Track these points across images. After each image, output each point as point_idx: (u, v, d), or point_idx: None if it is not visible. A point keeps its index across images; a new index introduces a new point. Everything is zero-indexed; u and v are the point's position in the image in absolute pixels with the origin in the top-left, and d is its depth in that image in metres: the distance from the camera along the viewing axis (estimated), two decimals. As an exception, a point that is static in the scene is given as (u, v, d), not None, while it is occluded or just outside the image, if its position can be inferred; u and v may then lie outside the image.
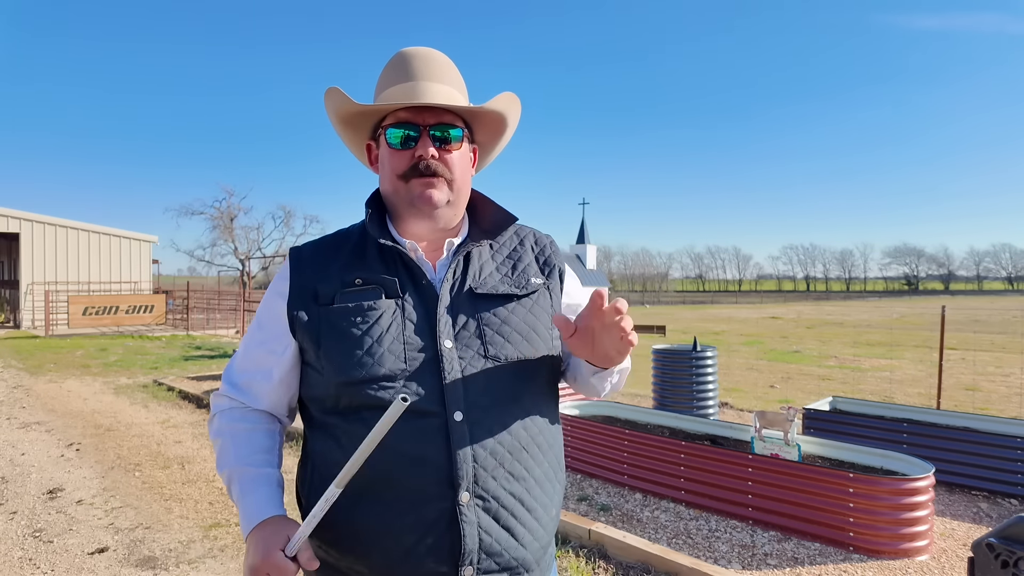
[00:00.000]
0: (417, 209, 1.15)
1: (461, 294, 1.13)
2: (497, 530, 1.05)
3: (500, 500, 1.06)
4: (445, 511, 1.03)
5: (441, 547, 1.03)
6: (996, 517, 4.16)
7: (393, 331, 1.08)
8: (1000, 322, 24.42)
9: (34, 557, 3.66)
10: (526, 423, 1.12)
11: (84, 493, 4.73)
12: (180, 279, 48.14)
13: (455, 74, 1.19)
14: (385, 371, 1.05)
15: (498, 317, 1.13)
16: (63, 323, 19.85)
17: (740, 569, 3.38)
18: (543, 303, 1.20)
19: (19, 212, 20.91)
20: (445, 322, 1.10)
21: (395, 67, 1.16)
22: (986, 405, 7.85)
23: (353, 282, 1.12)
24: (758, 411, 4.24)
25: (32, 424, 6.99)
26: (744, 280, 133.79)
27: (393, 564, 1.03)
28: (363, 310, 1.09)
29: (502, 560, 1.05)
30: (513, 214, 1.26)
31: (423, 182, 1.13)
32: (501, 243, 1.25)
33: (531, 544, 1.09)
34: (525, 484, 1.10)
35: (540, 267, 1.25)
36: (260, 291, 37.13)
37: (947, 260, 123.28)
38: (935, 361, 7.48)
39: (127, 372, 10.92)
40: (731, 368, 11.17)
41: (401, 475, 1.04)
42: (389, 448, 1.03)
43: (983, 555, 1.98)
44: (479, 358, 1.09)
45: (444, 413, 1.04)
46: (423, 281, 1.13)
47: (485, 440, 1.06)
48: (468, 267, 1.17)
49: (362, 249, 1.17)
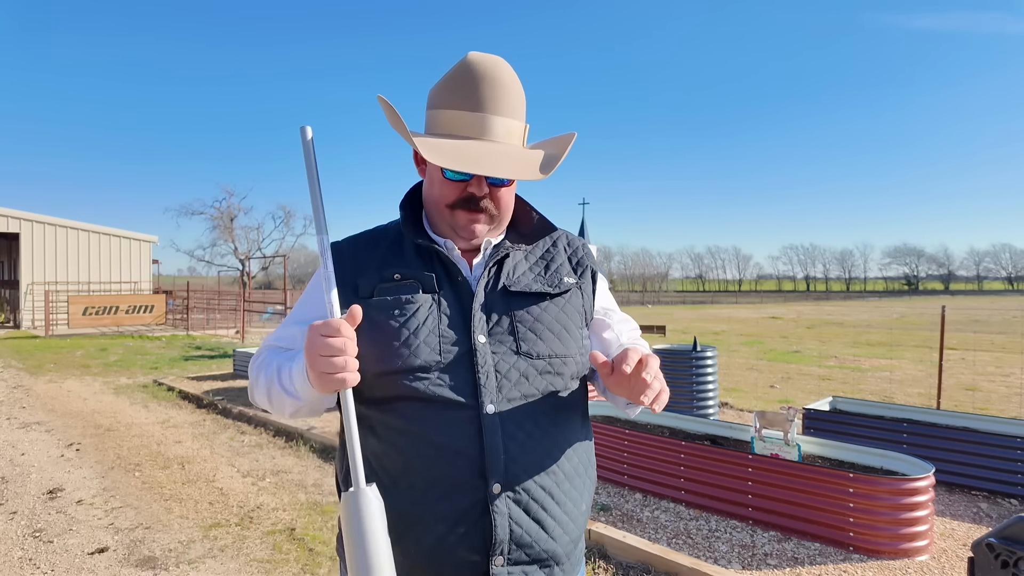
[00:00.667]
0: (457, 235, 1.18)
1: (495, 292, 1.16)
2: (527, 522, 1.07)
3: (530, 492, 1.08)
4: (477, 501, 1.05)
5: (473, 537, 1.05)
6: (996, 517, 4.16)
7: (429, 324, 1.10)
8: (1000, 322, 24.42)
9: (34, 557, 3.66)
10: (556, 419, 1.15)
11: (84, 493, 4.74)
12: (180, 279, 48.20)
13: (519, 98, 1.15)
14: (421, 362, 1.08)
15: (531, 315, 1.16)
16: (63, 323, 19.86)
17: (740, 569, 3.38)
18: (575, 302, 1.23)
19: (19, 212, 20.93)
20: (479, 318, 1.13)
21: (461, 89, 1.12)
22: (986, 405, 7.85)
23: (392, 277, 1.15)
24: (758, 411, 4.24)
25: (32, 424, 6.99)
26: (744, 280, 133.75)
27: (426, 552, 1.06)
28: (401, 303, 1.12)
29: (532, 552, 1.08)
30: (552, 223, 1.28)
31: (469, 216, 1.15)
32: (535, 244, 1.27)
33: (561, 537, 1.11)
34: (555, 478, 1.12)
35: (572, 267, 1.27)
36: (260, 291, 37.24)
37: (947, 260, 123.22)
38: (935, 361, 7.48)
39: (127, 372, 10.92)
40: (731, 368, 11.17)
41: (434, 465, 1.06)
42: (423, 438, 1.07)
43: (983, 555, 1.98)
44: (512, 354, 1.12)
45: (477, 405, 1.07)
46: (459, 278, 1.16)
47: (516, 433, 1.08)
48: (503, 266, 1.19)
49: (399, 246, 1.20)
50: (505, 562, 1.06)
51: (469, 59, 1.13)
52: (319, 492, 4.74)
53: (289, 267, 29.06)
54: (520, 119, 1.16)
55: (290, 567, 3.54)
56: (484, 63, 1.12)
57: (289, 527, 4.08)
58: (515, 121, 1.14)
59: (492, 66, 1.13)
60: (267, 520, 4.20)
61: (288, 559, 3.63)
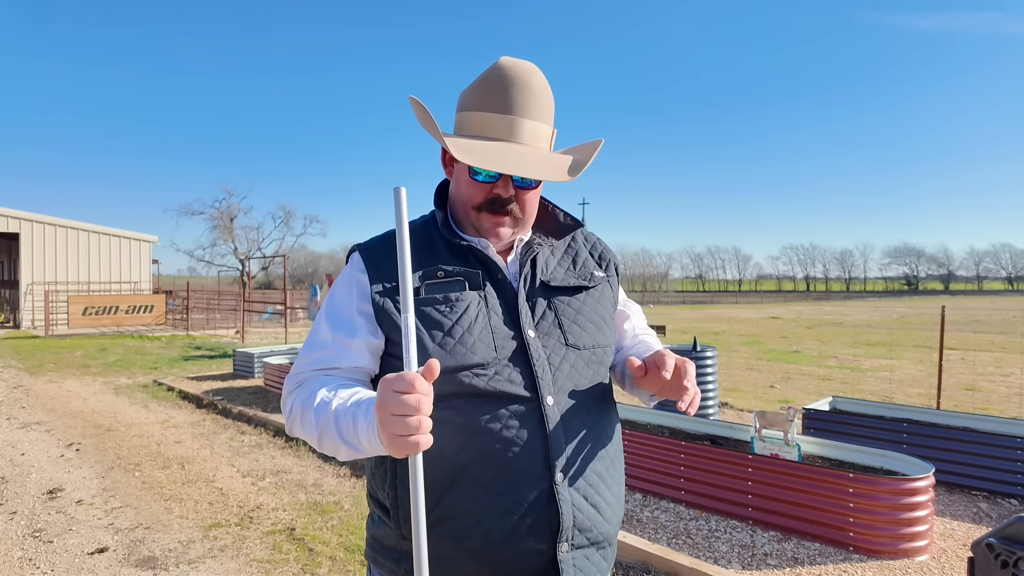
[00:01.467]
0: (483, 236, 1.20)
1: (535, 287, 1.19)
2: (587, 507, 1.11)
3: (587, 479, 1.12)
4: (544, 491, 1.07)
5: (540, 526, 1.07)
6: (996, 517, 4.16)
7: (481, 321, 1.12)
8: (1000, 322, 24.42)
9: (34, 557, 3.66)
10: (602, 405, 1.20)
11: (84, 493, 4.73)
12: (180, 279, 48.21)
13: (548, 102, 1.18)
14: (478, 359, 1.09)
15: (572, 307, 1.20)
16: (63, 323, 19.87)
17: (740, 569, 3.38)
18: (607, 294, 1.29)
19: (19, 212, 20.94)
20: (526, 313, 1.15)
21: (492, 90, 1.14)
22: (986, 405, 7.85)
23: (436, 274, 1.15)
24: (758, 411, 4.24)
25: (32, 424, 6.99)
26: (744, 280, 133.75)
27: (494, 546, 1.06)
28: (451, 300, 1.12)
29: (591, 535, 1.12)
30: (578, 220, 1.32)
31: (494, 219, 1.17)
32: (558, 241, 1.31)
33: (612, 519, 1.17)
34: (604, 463, 1.17)
35: (597, 261, 1.32)
36: (260, 291, 37.24)
37: (947, 260, 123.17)
38: (935, 361, 7.48)
39: (127, 372, 10.92)
40: (731, 368, 11.17)
41: (499, 459, 1.07)
42: (487, 433, 1.08)
43: (983, 555, 1.98)
44: (560, 346, 1.15)
45: (537, 398, 1.09)
46: (499, 275, 1.17)
47: (572, 422, 1.12)
48: (536, 263, 1.22)
49: (430, 244, 1.20)
50: (570, 547, 1.08)
51: (501, 63, 1.16)
52: (319, 492, 4.74)
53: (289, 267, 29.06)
54: (548, 123, 1.18)
55: (290, 567, 3.54)
56: (516, 67, 1.15)
57: (289, 527, 4.08)
58: (543, 125, 1.17)
59: (523, 71, 1.15)
60: (267, 520, 4.20)
61: (288, 559, 3.63)
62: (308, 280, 69.57)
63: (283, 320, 17.42)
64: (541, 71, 1.18)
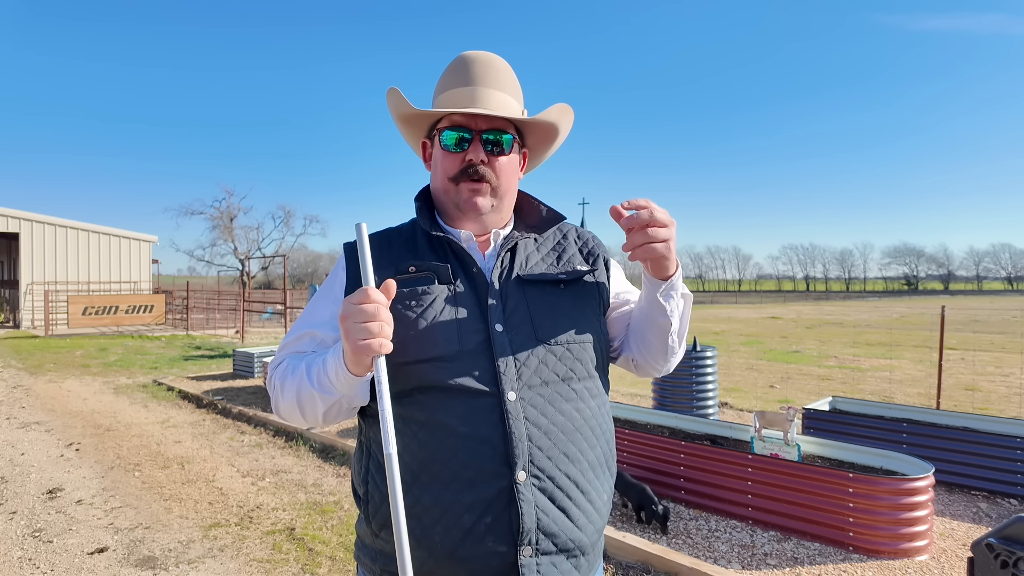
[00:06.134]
0: (463, 212, 1.21)
1: (510, 280, 1.18)
2: (554, 510, 1.07)
3: (555, 480, 1.08)
4: (503, 490, 1.05)
5: (500, 527, 1.04)
6: (996, 517, 4.16)
7: (447, 314, 1.11)
8: (1000, 322, 24.42)
9: (34, 557, 3.66)
10: (578, 405, 1.14)
11: (84, 493, 4.73)
12: (180, 279, 48.17)
13: (512, 80, 1.23)
14: (439, 352, 1.08)
15: (547, 302, 1.18)
16: (63, 323, 19.86)
17: (740, 569, 3.38)
18: (590, 289, 1.24)
19: (19, 212, 20.92)
20: (496, 306, 1.14)
21: (455, 71, 1.21)
22: (986, 405, 7.85)
23: (407, 269, 1.16)
24: (758, 411, 4.24)
25: (32, 424, 6.99)
26: (744, 280, 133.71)
27: (454, 544, 1.04)
28: (417, 295, 1.13)
29: (559, 541, 1.07)
30: (560, 213, 1.30)
31: (471, 187, 1.18)
32: (545, 237, 1.29)
33: (586, 527, 1.11)
34: (579, 466, 1.12)
35: (584, 257, 1.29)
36: (260, 291, 37.25)
37: (947, 260, 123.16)
38: (935, 361, 7.48)
39: (127, 372, 10.92)
40: (731, 368, 11.17)
41: (458, 455, 1.06)
42: (445, 428, 1.07)
43: (983, 555, 1.98)
44: (530, 340, 1.13)
45: (498, 393, 1.07)
46: (473, 268, 1.17)
47: (539, 420, 1.09)
48: (515, 256, 1.21)
49: (413, 241, 1.22)
50: (533, 552, 1.05)
51: (464, 53, 1.23)
52: (319, 492, 4.73)
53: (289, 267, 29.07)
54: (515, 98, 1.22)
55: (290, 567, 3.54)
56: (476, 52, 1.22)
57: (289, 527, 4.08)
58: (509, 96, 1.21)
59: (484, 54, 1.21)
60: (267, 520, 4.20)
61: (288, 559, 3.63)
62: (308, 280, 69.53)
63: (283, 320, 17.41)
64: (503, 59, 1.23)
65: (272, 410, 1.22)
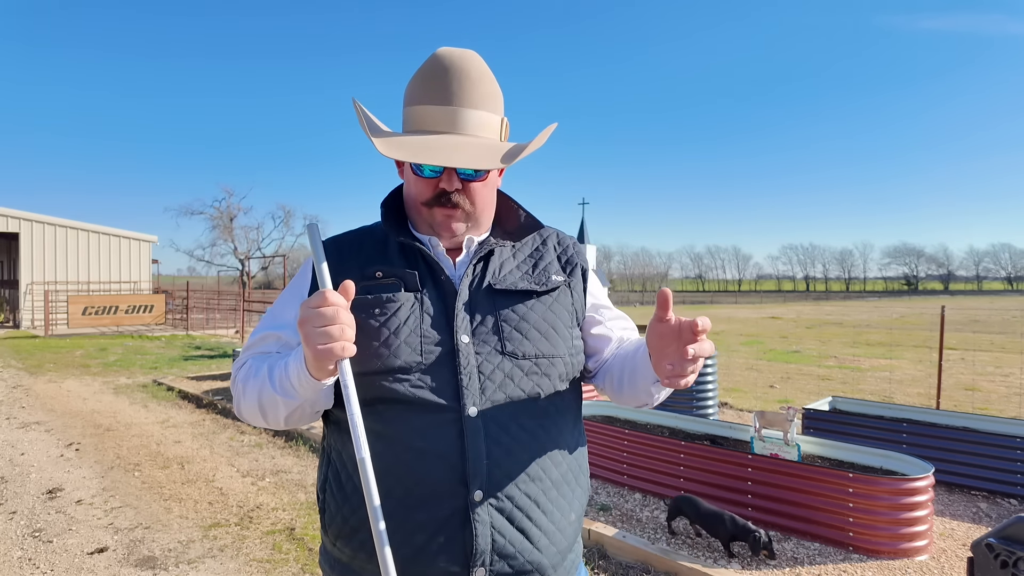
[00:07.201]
0: (437, 233, 1.15)
1: (480, 290, 1.13)
2: (511, 531, 1.03)
3: (514, 500, 1.04)
4: (458, 509, 1.01)
5: (453, 547, 1.01)
6: (995, 517, 4.16)
7: (411, 324, 1.07)
8: (1000, 322, 24.42)
9: (34, 557, 3.66)
10: (544, 423, 1.10)
11: (84, 493, 4.73)
12: (180, 279, 48.17)
13: (491, 90, 1.12)
14: (400, 363, 1.04)
15: (516, 313, 1.12)
16: (63, 323, 19.85)
17: (740, 569, 3.38)
18: (564, 301, 1.18)
19: (19, 212, 20.91)
20: (463, 317, 1.09)
21: (430, 80, 1.10)
22: (985, 405, 7.85)
23: (373, 275, 1.11)
24: (758, 411, 4.24)
25: (32, 424, 6.98)
26: (744, 280, 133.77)
27: (405, 562, 1.00)
28: (382, 302, 1.08)
29: (516, 563, 1.03)
30: (539, 220, 1.24)
31: (444, 212, 1.12)
32: (523, 243, 1.23)
33: (547, 548, 1.07)
34: (541, 485, 1.08)
35: (562, 266, 1.23)
36: (260, 291, 37.26)
37: (946, 260, 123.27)
38: (935, 361, 7.48)
39: (127, 372, 10.92)
40: (731, 368, 11.17)
41: (413, 470, 1.02)
42: (400, 442, 1.03)
43: (983, 555, 1.98)
44: (496, 354, 1.08)
45: (459, 408, 1.03)
46: (442, 276, 1.12)
47: (500, 437, 1.04)
48: (488, 264, 1.16)
49: (384, 245, 1.17)
50: (487, 573, 1.01)
51: (439, 53, 1.11)
52: (319, 492, 4.73)
53: (289, 267, 29.07)
54: (494, 112, 1.12)
55: (289, 567, 3.54)
56: (453, 56, 1.10)
57: (288, 527, 4.08)
58: (487, 114, 1.11)
59: (460, 59, 1.10)
60: (266, 520, 4.20)
61: (288, 559, 3.63)
62: (308, 280, 69.22)
63: (283, 320, 17.37)
64: (481, 58, 1.13)
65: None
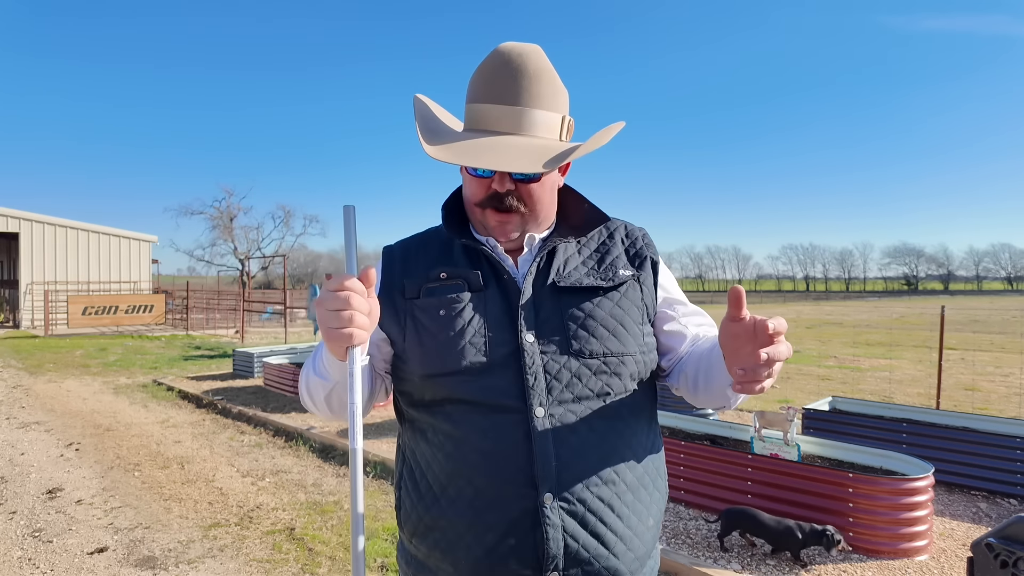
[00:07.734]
0: (491, 235, 1.13)
1: (544, 288, 1.10)
2: (585, 536, 1.00)
3: (587, 504, 1.01)
4: (527, 512, 0.99)
5: (524, 549, 0.99)
6: (995, 517, 4.16)
7: (475, 324, 1.06)
8: (999, 322, 24.42)
9: (33, 557, 3.66)
10: (615, 424, 1.07)
11: (83, 493, 4.73)
12: (180, 279, 48.10)
13: (554, 88, 1.09)
14: (466, 363, 1.04)
15: (582, 311, 1.09)
16: (63, 323, 19.86)
17: (740, 569, 3.38)
18: (632, 296, 1.14)
19: (19, 212, 20.94)
20: (527, 316, 1.07)
21: (487, 78, 1.08)
22: (985, 405, 7.85)
23: (438, 277, 1.11)
24: (758, 411, 4.24)
25: (32, 424, 6.99)
26: (744, 280, 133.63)
27: (476, 563, 1.00)
28: (446, 303, 1.08)
29: (591, 569, 1.00)
30: (605, 213, 1.20)
31: (498, 217, 1.10)
32: (589, 238, 1.19)
33: (624, 554, 1.03)
34: (615, 488, 1.04)
35: (630, 259, 1.18)
36: (259, 291, 37.27)
37: (946, 260, 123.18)
38: (934, 361, 7.48)
39: (126, 372, 10.92)
40: (731, 368, 11.15)
41: (481, 471, 1.01)
42: (468, 443, 1.03)
43: (982, 555, 1.98)
44: (562, 353, 1.05)
45: (525, 409, 1.01)
46: (504, 276, 1.10)
47: (569, 438, 1.02)
48: (552, 261, 1.13)
49: (448, 246, 1.16)
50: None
51: (500, 49, 1.09)
52: (319, 492, 4.73)
53: (288, 267, 29.08)
54: (555, 110, 1.09)
55: (289, 567, 3.54)
56: (512, 53, 1.07)
57: (288, 527, 4.08)
58: (546, 112, 1.08)
59: (520, 56, 1.07)
60: (266, 520, 4.20)
61: (288, 559, 3.63)
62: (308, 280, 69.52)
63: (283, 320, 17.41)
64: (543, 54, 1.10)
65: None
